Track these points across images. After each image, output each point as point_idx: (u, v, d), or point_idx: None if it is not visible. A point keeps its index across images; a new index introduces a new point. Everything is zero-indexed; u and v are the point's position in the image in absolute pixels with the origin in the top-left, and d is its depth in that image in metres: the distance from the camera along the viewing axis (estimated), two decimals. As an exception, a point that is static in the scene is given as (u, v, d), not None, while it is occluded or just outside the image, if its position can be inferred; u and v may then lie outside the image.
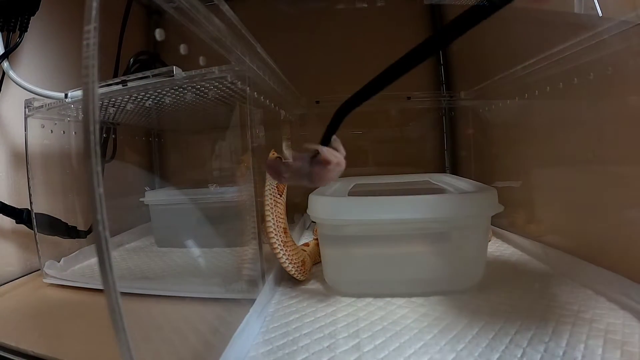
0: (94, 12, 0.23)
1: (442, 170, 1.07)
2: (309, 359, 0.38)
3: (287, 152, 0.37)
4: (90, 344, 0.44)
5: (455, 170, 1.07)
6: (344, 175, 0.80)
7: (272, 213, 0.54)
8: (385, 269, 0.52)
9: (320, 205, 0.52)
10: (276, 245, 0.53)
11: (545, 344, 0.37)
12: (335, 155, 0.35)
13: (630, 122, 0.47)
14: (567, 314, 0.43)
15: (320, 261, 0.56)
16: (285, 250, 0.53)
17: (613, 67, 0.49)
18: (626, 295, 0.44)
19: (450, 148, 1.08)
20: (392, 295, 0.49)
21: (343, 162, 0.35)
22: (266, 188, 0.54)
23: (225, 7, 0.44)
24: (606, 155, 0.52)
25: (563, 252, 0.59)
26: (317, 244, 0.62)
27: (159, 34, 0.47)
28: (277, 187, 0.56)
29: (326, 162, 0.35)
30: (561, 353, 0.35)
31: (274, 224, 0.53)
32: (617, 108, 0.50)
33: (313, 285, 0.57)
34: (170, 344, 0.42)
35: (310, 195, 0.54)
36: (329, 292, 0.54)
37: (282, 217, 0.56)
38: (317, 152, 0.35)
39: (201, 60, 0.52)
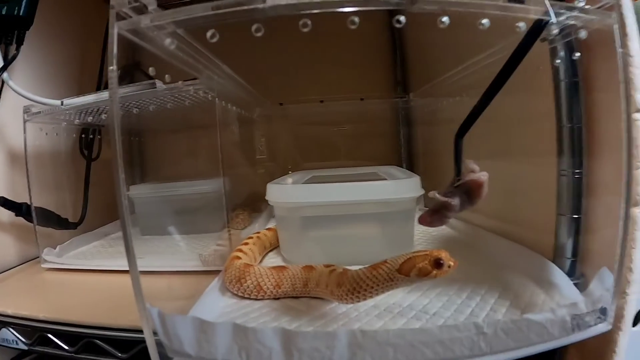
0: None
1: (399, 163, 1.14)
2: (269, 303, 0.49)
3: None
4: (89, 307, 0.53)
5: (410, 164, 1.15)
6: (306, 168, 0.88)
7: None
8: (329, 244, 0.63)
9: (276, 191, 0.64)
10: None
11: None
12: (481, 174, 0.43)
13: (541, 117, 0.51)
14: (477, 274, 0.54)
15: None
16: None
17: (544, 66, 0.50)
18: (523, 261, 0.54)
19: (406, 143, 1.16)
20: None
21: (485, 174, 0.43)
22: None
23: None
24: (536, 148, 0.56)
25: (486, 231, 0.69)
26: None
27: (151, 71, 0.56)
28: None
29: (480, 183, 0.43)
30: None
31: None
32: (535, 105, 0.54)
33: (273, 258, 0.67)
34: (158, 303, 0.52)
35: (268, 184, 0.65)
36: (286, 263, 0.64)
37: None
38: (456, 181, 0.44)
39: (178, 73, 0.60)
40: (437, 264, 0.39)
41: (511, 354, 0.35)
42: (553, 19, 0.38)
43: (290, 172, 0.97)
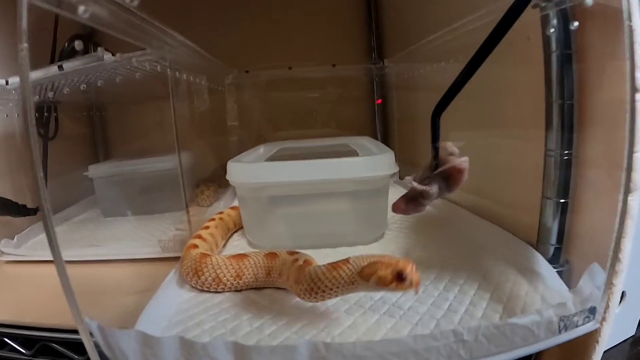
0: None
1: (373, 132, 1.13)
2: (230, 297, 0.46)
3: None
4: (46, 306, 0.49)
5: (384, 131, 1.13)
6: (276, 139, 0.84)
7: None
8: (296, 224, 0.59)
9: (238, 170, 0.59)
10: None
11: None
12: (463, 160, 0.38)
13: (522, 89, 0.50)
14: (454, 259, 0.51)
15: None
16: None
17: (534, 35, 0.46)
18: (504, 246, 0.52)
19: (382, 111, 1.14)
20: (303, 248, 0.51)
21: (467, 159, 0.39)
22: None
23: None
24: (522, 124, 0.53)
25: (466, 210, 0.67)
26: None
27: (77, 45, 0.50)
28: None
29: (462, 170, 0.38)
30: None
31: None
32: (521, 76, 0.51)
33: (238, 241, 0.64)
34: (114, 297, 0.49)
35: (229, 162, 0.60)
36: (251, 246, 0.61)
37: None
38: (434, 166, 0.39)
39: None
40: (399, 277, 0.35)
41: (493, 359, 0.32)
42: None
43: (265, 142, 0.92)
